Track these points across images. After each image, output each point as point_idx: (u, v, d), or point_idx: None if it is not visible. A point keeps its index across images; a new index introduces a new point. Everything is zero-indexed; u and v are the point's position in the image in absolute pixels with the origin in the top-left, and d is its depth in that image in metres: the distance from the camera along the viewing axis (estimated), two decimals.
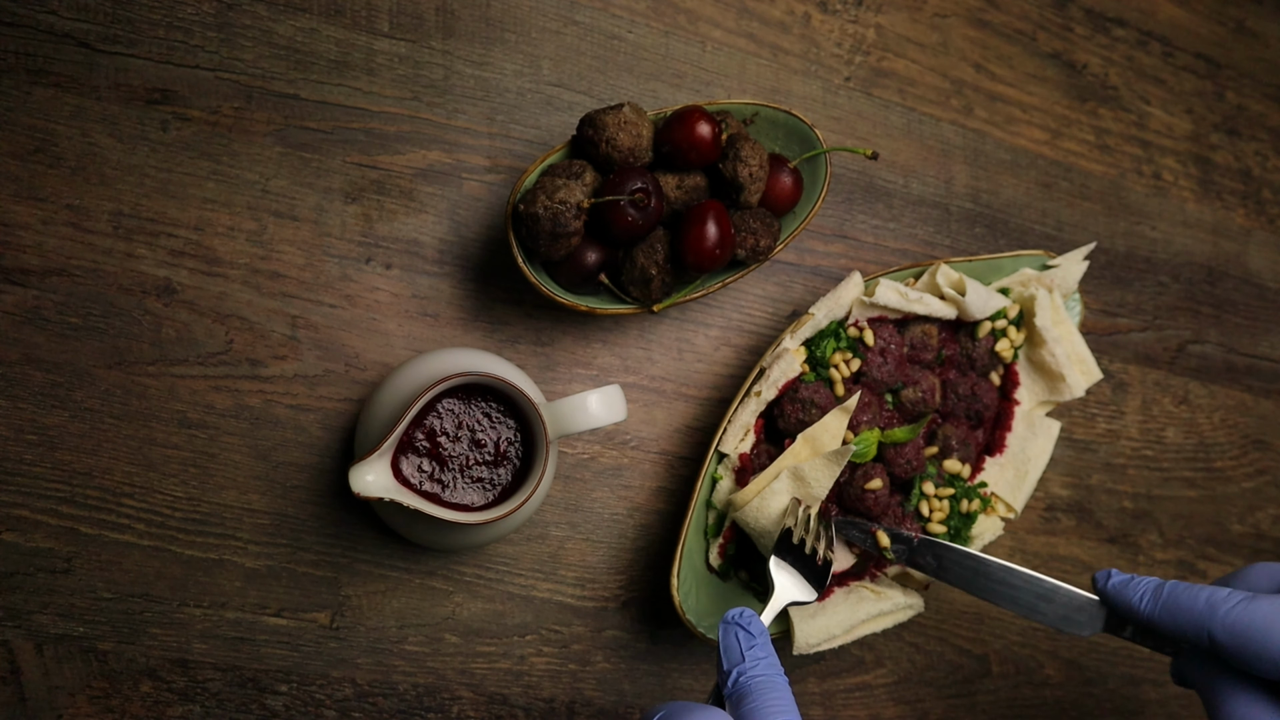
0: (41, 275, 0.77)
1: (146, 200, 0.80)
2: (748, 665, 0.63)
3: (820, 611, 0.85)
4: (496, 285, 0.87)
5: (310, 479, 0.82)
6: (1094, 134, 1.08)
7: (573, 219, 0.78)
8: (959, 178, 1.01)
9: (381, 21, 0.85)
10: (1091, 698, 1.02)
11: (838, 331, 0.87)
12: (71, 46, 0.79)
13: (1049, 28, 1.06)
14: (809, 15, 0.97)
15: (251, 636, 0.80)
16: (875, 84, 0.99)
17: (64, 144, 0.78)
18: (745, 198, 0.83)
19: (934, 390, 0.89)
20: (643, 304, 0.84)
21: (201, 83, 0.81)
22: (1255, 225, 1.14)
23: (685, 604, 0.84)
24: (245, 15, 0.82)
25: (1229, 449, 1.10)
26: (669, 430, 0.90)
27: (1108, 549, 1.03)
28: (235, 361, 0.80)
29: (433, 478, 0.75)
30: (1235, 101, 1.15)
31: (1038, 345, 0.92)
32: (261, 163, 0.82)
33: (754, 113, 0.87)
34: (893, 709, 0.95)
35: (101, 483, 0.78)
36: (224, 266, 0.81)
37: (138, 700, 0.77)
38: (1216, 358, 1.11)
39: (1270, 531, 1.11)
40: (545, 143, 0.89)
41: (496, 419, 0.76)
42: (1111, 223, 1.07)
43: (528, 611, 0.86)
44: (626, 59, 0.92)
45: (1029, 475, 0.92)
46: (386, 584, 0.83)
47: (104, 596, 0.77)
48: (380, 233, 0.84)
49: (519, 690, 0.85)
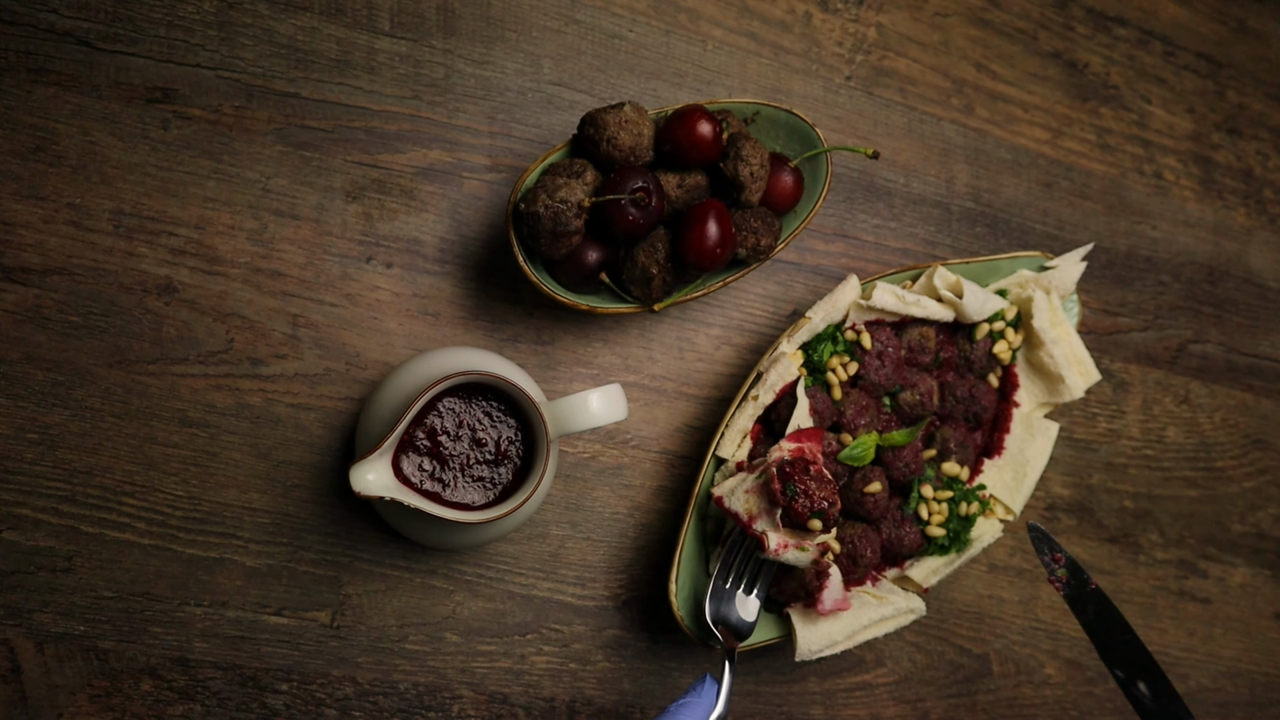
0: (42, 274, 0.77)
1: (147, 199, 0.80)
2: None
3: (822, 617, 0.85)
4: (497, 284, 0.87)
5: (311, 478, 0.82)
6: (1095, 133, 1.07)
7: (573, 218, 0.78)
8: (960, 177, 1.01)
9: (382, 20, 0.85)
10: (1092, 697, 1.02)
11: (835, 335, 0.87)
12: (72, 45, 0.79)
13: (1050, 27, 1.06)
14: (810, 14, 0.97)
15: (252, 635, 0.80)
16: (876, 83, 0.99)
17: (65, 143, 0.78)
18: (746, 197, 0.83)
19: (932, 393, 0.89)
20: (643, 303, 0.84)
21: (202, 81, 0.81)
22: (1256, 225, 1.14)
23: (684, 609, 0.84)
24: (246, 14, 0.82)
25: (1230, 449, 1.10)
26: (669, 429, 0.90)
27: (1108, 549, 1.03)
28: (236, 360, 0.81)
29: (433, 477, 0.75)
30: (1236, 101, 1.15)
31: (1036, 347, 0.92)
32: (262, 161, 0.82)
33: (755, 112, 0.87)
34: (893, 708, 0.95)
35: (102, 481, 0.78)
36: (225, 265, 0.81)
37: (138, 699, 0.77)
38: (1217, 357, 1.11)
39: (1271, 531, 1.11)
40: (546, 142, 0.89)
41: (497, 418, 0.76)
42: (1112, 222, 1.07)
43: (528, 611, 0.86)
44: (627, 58, 0.92)
45: (1028, 477, 0.92)
46: (387, 583, 0.83)
47: (105, 595, 0.77)
48: (381, 231, 0.84)
49: (519, 689, 0.85)
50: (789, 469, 0.80)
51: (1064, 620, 1.01)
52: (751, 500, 0.81)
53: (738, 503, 0.82)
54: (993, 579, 0.99)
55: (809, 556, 0.81)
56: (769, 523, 0.81)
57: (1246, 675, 1.08)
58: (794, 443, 0.83)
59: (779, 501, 0.80)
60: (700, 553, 0.86)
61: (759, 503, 0.81)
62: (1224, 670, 1.07)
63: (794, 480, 0.80)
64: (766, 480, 0.81)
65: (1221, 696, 1.07)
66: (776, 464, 0.81)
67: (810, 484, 0.80)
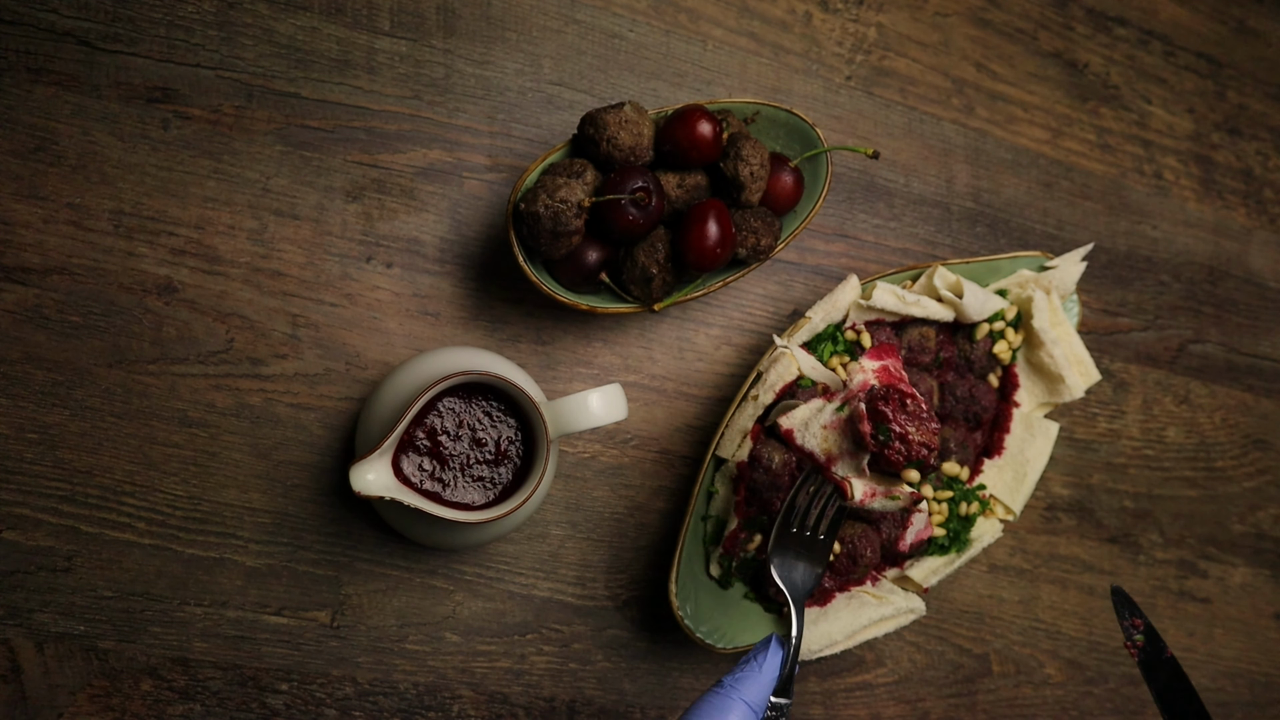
0: (42, 274, 0.77)
1: (147, 199, 0.80)
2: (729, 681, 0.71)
3: (822, 617, 0.86)
4: (497, 284, 0.87)
5: (311, 478, 0.82)
6: (1095, 133, 1.07)
7: (574, 218, 0.78)
8: (960, 177, 1.01)
9: (382, 20, 0.85)
10: (1092, 697, 1.02)
11: (835, 335, 0.87)
12: (72, 45, 0.79)
13: (1050, 27, 1.06)
14: (810, 14, 0.97)
15: (252, 635, 0.80)
16: (876, 83, 0.99)
17: (65, 142, 0.78)
18: (746, 197, 0.83)
19: (932, 393, 0.89)
20: (643, 303, 0.84)
21: (202, 81, 0.81)
22: (1256, 225, 1.14)
23: (684, 609, 0.84)
24: (246, 14, 0.82)
25: (1230, 449, 1.10)
26: (670, 429, 0.90)
27: (1108, 549, 1.03)
28: (236, 360, 0.81)
29: (433, 476, 0.75)
30: (1236, 101, 1.15)
31: (1036, 347, 0.92)
32: (262, 161, 0.82)
33: (755, 112, 0.87)
34: (893, 708, 0.95)
35: (102, 481, 0.78)
36: (225, 265, 0.81)
37: (138, 699, 0.77)
38: (1218, 357, 1.11)
39: (1271, 531, 1.11)
40: (546, 141, 0.89)
41: (497, 418, 0.76)
42: (1112, 222, 1.07)
43: (528, 610, 0.86)
44: (628, 58, 0.92)
45: (1028, 477, 0.92)
46: (387, 583, 0.83)
47: (105, 595, 0.77)
48: (381, 231, 0.84)
49: (519, 689, 0.85)
50: (882, 404, 0.65)
51: (1064, 620, 1.01)
52: (831, 439, 0.68)
53: (813, 439, 0.69)
54: (993, 579, 0.99)
55: (900, 504, 0.67)
56: (852, 466, 0.67)
57: (1246, 675, 1.08)
58: (876, 360, 0.68)
59: (868, 446, 0.65)
60: (700, 553, 0.86)
61: (841, 442, 0.68)
62: (1224, 670, 1.07)
63: (888, 420, 0.65)
64: (853, 416, 0.66)
65: (1222, 697, 1.07)
66: (864, 393, 0.66)
67: (907, 425, 0.65)
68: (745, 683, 0.71)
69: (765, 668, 0.72)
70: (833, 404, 0.68)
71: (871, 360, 0.67)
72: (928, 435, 0.66)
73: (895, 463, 0.65)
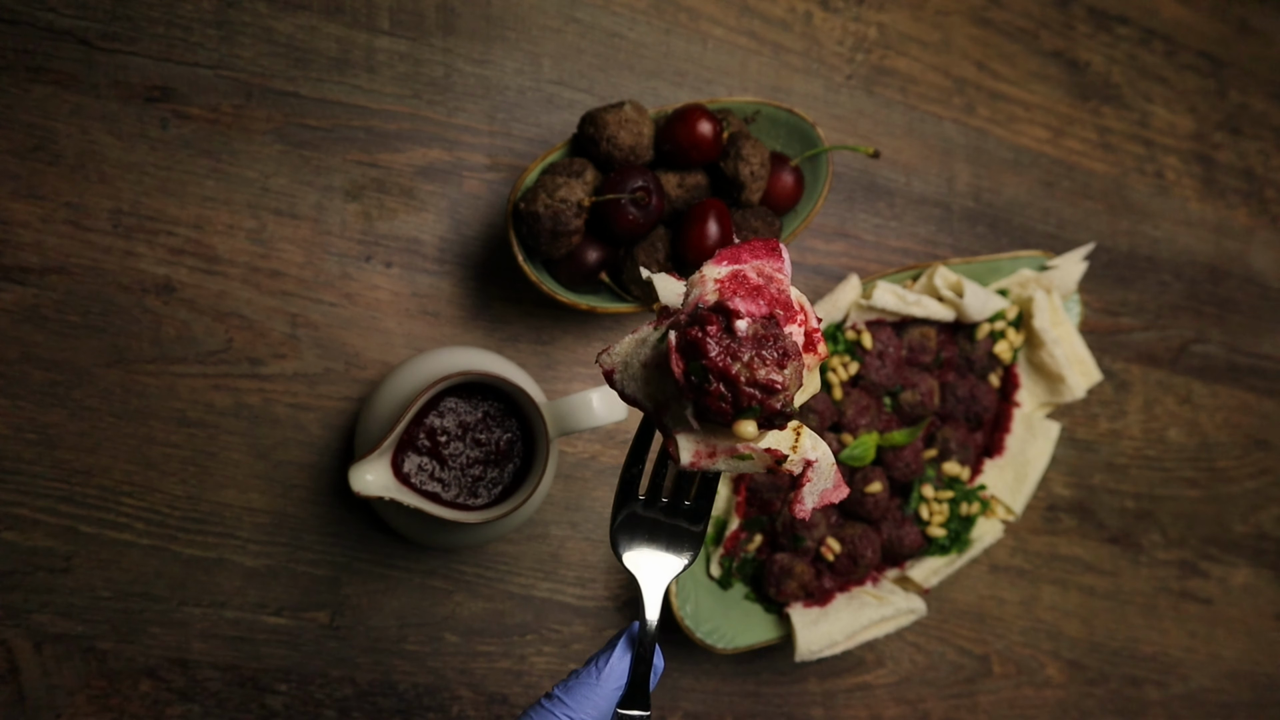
0: (41, 273, 0.77)
1: (146, 198, 0.79)
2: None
3: (823, 618, 0.85)
4: (497, 284, 0.87)
5: (310, 478, 0.82)
6: (1096, 133, 1.07)
7: (573, 217, 0.78)
8: (961, 176, 1.01)
9: (382, 19, 0.85)
10: (1092, 698, 1.02)
11: (835, 335, 0.87)
12: (71, 44, 0.79)
13: (1051, 26, 1.06)
14: (810, 13, 0.97)
15: (251, 636, 0.79)
16: (877, 82, 0.99)
17: (63, 142, 0.78)
18: (746, 196, 0.83)
19: (932, 393, 0.89)
20: (643, 302, 0.84)
21: (201, 80, 0.81)
22: (1258, 224, 1.14)
23: (683, 610, 0.84)
24: (245, 13, 0.82)
25: (1231, 449, 1.10)
26: None
27: (1109, 549, 1.03)
28: (235, 360, 0.80)
29: (433, 476, 0.75)
30: (1238, 100, 1.14)
31: (1037, 347, 0.92)
32: (261, 161, 0.82)
33: (755, 111, 0.87)
34: (893, 709, 0.95)
35: (101, 481, 0.78)
36: (223, 265, 0.81)
37: (137, 699, 0.77)
38: (1219, 357, 1.10)
39: (1273, 531, 1.10)
40: (546, 141, 0.89)
41: (497, 418, 0.76)
42: (1114, 222, 1.07)
43: (528, 611, 0.86)
44: (627, 57, 0.91)
45: (1029, 477, 0.92)
46: (386, 583, 0.83)
47: (103, 595, 0.77)
48: (380, 231, 0.84)
49: (519, 690, 0.85)
50: (696, 330, 0.46)
51: (1064, 621, 1.01)
52: (654, 380, 0.50)
53: (633, 383, 0.51)
54: (994, 579, 0.99)
55: (754, 465, 0.49)
56: (679, 417, 0.49)
57: (1248, 676, 1.08)
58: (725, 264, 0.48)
59: (685, 392, 0.47)
60: (701, 553, 0.86)
61: (665, 385, 0.50)
62: (1225, 671, 1.07)
63: (705, 351, 0.46)
64: (664, 350, 0.48)
65: (1223, 697, 1.07)
66: (681, 318, 0.48)
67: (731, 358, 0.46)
68: (578, 693, 0.58)
69: (606, 675, 0.58)
70: (657, 332, 0.50)
71: (718, 265, 0.47)
72: (767, 369, 0.46)
73: (720, 411, 0.46)
